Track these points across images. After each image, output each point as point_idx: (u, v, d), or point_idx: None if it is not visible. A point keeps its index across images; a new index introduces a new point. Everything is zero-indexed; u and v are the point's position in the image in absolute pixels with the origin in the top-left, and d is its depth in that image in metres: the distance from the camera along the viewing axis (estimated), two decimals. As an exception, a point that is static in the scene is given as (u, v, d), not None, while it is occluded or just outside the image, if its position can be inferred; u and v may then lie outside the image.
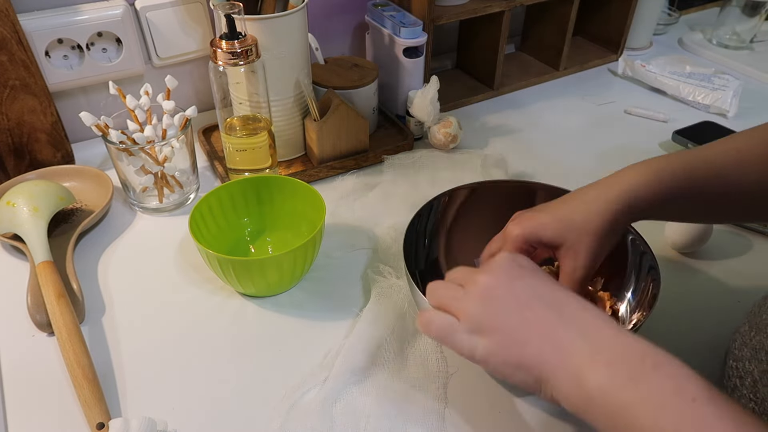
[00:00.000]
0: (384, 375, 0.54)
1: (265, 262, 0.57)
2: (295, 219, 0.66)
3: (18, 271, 0.64)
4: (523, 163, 0.82)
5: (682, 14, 1.25)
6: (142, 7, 0.78)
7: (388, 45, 0.84)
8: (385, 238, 0.68)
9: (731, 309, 0.61)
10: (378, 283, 0.62)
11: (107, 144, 0.67)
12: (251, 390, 0.53)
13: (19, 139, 0.73)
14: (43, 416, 0.51)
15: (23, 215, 0.64)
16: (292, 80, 0.74)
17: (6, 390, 0.53)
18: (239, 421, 0.51)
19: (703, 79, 0.97)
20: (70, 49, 0.77)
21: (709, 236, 0.66)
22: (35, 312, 0.58)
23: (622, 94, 1.00)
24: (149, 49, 0.82)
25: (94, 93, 0.83)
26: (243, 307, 0.61)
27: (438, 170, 0.80)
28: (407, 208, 0.73)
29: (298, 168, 0.79)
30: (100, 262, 0.66)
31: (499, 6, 0.89)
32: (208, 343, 0.57)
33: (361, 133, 0.78)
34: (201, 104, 0.90)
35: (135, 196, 0.72)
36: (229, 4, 0.63)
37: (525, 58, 1.09)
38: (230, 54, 0.64)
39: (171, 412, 0.51)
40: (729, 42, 1.12)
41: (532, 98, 0.99)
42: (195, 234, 0.58)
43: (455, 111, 0.94)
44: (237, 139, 0.71)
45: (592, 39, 1.13)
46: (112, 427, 0.47)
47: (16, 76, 0.69)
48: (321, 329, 0.59)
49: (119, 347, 0.57)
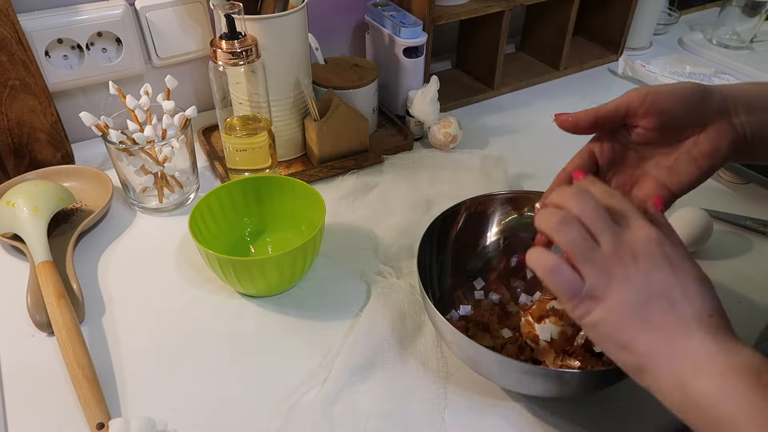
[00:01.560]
0: (384, 375, 0.54)
1: (265, 262, 0.57)
2: (295, 219, 0.66)
3: (18, 271, 0.64)
4: (522, 164, 0.82)
5: (682, 14, 1.25)
6: (142, 7, 0.78)
7: (388, 45, 0.84)
8: (385, 238, 0.68)
9: (731, 309, 0.61)
10: (378, 283, 0.62)
11: (107, 144, 0.67)
12: (251, 390, 0.53)
13: (18, 139, 0.73)
14: (43, 416, 0.51)
15: (23, 215, 0.64)
16: (292, 80, 0.74)
17: (6, 390, 0.53)
18: (239, 421, 0.51)
19: (704, 79, 0.97)
20: (70, 49, 0.77)
21: (709, 236, 0.66)
22: (35, 312, 0.58)
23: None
24: (149, 49, 0.82)
25: (94, 93, 0.83)
26: (243, 307, 0.61)
27: (438, 170, 0.80)
28: (407, 208, 0.73)
29: (298, 168, 0.79)
30: (100, 262, 0.66)
31: (499, 6, 0.89)
32: (208, 343, 0.57)
33: (361, 133, 0.78)
34: (201, 104, 0.90)
35: (135, 196, 0.72)
36: (229, 4, 0.63)
37: (525, 58, 1.09)
38: (230, 54, 0.64)
39: (171, 412, 0.51)
40: (729, 42, 1.12)
41: (532, 98, 0.99)
42: (195, 234, 0.58)
43: (455, 111, 0.94)
44: (237, 139, 0.71)
45: (592, 39, 1.13)
46: (112, 427, 0.47)
47: (16, 76, 0.69)
48: (321, 329, 0.59)
49: (119, 347, 0.57)
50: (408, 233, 0.68)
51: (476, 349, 0.46)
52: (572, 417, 0.51)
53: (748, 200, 0.76)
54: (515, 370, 0.47)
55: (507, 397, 0.53)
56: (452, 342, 0.49)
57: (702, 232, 0.65)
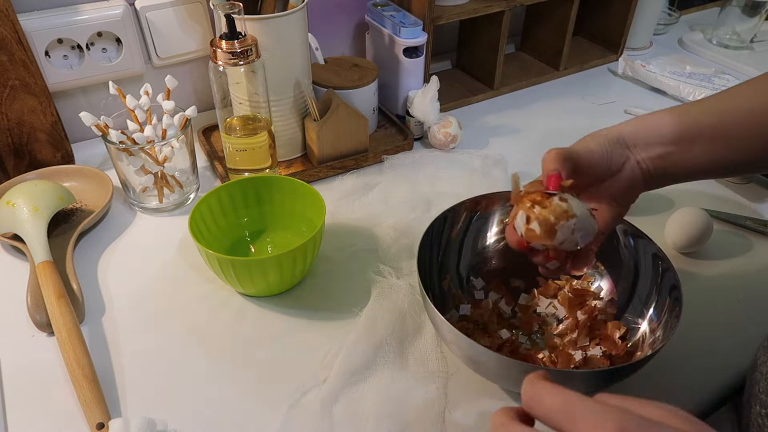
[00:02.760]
0: (384, 375, 0.54)
1: (265, 262, 0.57)
2: (295, 219, 0.66)
3: (18, 271, 0.64)
4: (522, 164, 0.82)
5: (682, 14, 1.25)
6: (142, 7, 0.78)
7: (388, 45, 0.84)
8: (385, 238, 0.68)
9: (731, 309, 0.61)
10: (378, 283, 0.62)
11: (107, 144, 0.67)
12: (251, 390, 0.53)
13: (18, 139, 0.73)
14: (43, 416, 0.51)
15: (23, 215, 0.64)
16: (292, 80, 0.74)
17: (6, 390, 0.53)
18: (239, 421, 0.51)
19: (704, 79, 0.97)
20: (70, 49, 0.77)
21: (709, 236, 0.66)
22: (35, 312, 0.58)
23: (622, 94, 1.00)
24: (149, 49, 0.82)
25: (94, 93, 0.83)
26: (243, 307, 0.61)
27: (438, 170, 0.80)
28: (407, 208, 0.73)
29: (298, 168, 0.79)
30: (100, 262, 0.66)
31: (499, 6, 0.89)
32: (208, 343, 0.57)
33: (361, 133, 0.78)
34: (201, 104, 0.90)
35: (135, 196, 0.72)
36: (229, 4, 0.63)
37: (525, 58, 1.09)
38: (230, 54, 0.64)
39: (171, 412, 0.51)
40: (729, 42, 1.12)
41: (532, 98, 0.99)
42: (195, 234, 0.58)
43: (455, 111, 0.94)
44: (237, 139, 0.71)
45: (592, 39, 1.13)
46: (111, 427, 0.47)
47: (16, 76, 0.69)
48: (321, 329, 0.59)
49: (119, 347, 0.57)
50: (408, 233, 0.68)
51: (476, 349, 0.46)
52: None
53: (748, 200, 0.76)
54: (515, 370, 0.47)
55: (507, 398, 0.53)
56: (452, 342, 0.49)
57: (702, 232, 0.65)
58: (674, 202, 0.74)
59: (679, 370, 0.55)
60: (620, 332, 0.54)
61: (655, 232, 0.57)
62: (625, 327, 0.55)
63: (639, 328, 0.54)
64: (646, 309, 0.54)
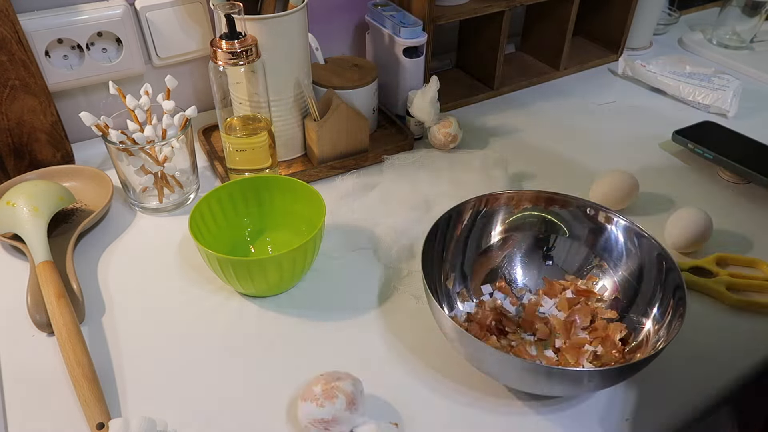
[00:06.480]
0: (384, 375, 0.54)
1: (265, 262, 0.57)
2: (295, 219, 0.66)
3: (18, 271, 0.64)
4: (523, 163, 0.82)
5: (682, 14, 1.25)
6: (142, 7, 0.78)
7: (388, 45, 0.84)
8: (385, 238, 0.68)
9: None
10: (378, 283, 0.62)
11: (107, 144, 0.67)
12: (251, 390, 0.53)
13: (19, 139, 0.73)
14: (43, 416, 0.51)
15: (23, 215, 0.64)
16: (292, 80, 0.74)
17: (6, 390, 0.53)
18: (239, 421, 0.51)
19: (703, 79, 0.97)
20: (70, 49, 0.77)
21: (709, 236, 0.66)
22: (35, 312, 0.58)
23: (622, 94, 1.00)
24: (149, 49, 0.82)
25: (94, 93, 0.83)
26: (243, 307, 0.61)
27: (438, 170, 0.80)
28: (407, 208, 0.73)
29: (298, 168, 0.79)
30: (100, 262, 0.66)
31: (499, 6, 0.89)
32: (208, 342, 0.57)
33: (361, 133, 0.78)
34: (201, 104, 0.90)
35: (135, 196, 0.72)
36: (229, 4, 0.63)
37: (525, 58, 1.09)
38: (230, 54, 0.64)
39: (171, 412, 0.51)
40: (729, 42, 1.12)
41: (532, 98, 0.99)
42: (195, 234, 0.58)
43: (455, 111, 0.94)
44: (237, 139, 0.71)
45: (592, 39, 1.13)
46: (111, 427, 0.47)
47: (16, 76, 0.69)
48: (321, 329, 0.59)
49: (119, 347, 0.57)
50: (408, 233, 0.68)
51: (479, 347, 0.46)
52: (574, 415, 0.51)
53: (748, 200, 0.76)
54: (518, 368, 0.47)
55: (510, 396, 0.53)
56: (455, 339, 0.49)
57: (702, 232, 0.65)
58: (674, 202, 0.74)
59: (680, 370, 0.55)
60: (621, 334, 0.54)
61: (655, 232, 0.57)
62: (626, 330, 0.55)
63: (643, 328, 0.54)
64: (650, 309, 0.54)
